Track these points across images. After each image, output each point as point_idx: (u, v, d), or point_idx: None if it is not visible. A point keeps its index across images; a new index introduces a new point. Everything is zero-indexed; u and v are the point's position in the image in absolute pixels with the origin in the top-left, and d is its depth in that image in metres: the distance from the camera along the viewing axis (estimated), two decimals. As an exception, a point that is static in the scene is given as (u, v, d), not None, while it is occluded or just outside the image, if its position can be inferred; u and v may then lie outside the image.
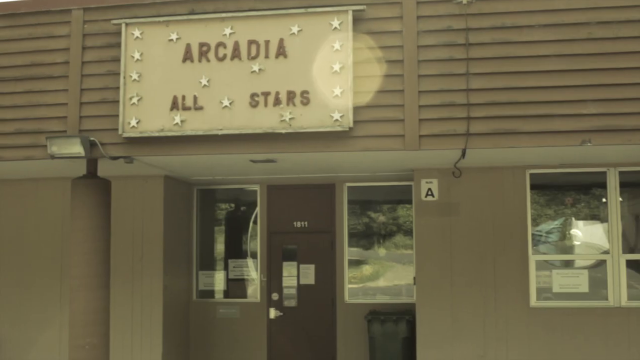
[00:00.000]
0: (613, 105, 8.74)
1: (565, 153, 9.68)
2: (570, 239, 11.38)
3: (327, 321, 12.09)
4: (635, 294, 10.74)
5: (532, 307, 10.73)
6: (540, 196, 11.49)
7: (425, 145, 9.02)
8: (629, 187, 11.18)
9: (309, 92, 9.01)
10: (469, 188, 10.85)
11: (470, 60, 9.00)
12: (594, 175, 10.92)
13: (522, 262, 10.77)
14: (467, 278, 10.82)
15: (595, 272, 10.87)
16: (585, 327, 10.62)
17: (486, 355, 10.73)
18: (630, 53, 8.79)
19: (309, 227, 12.31)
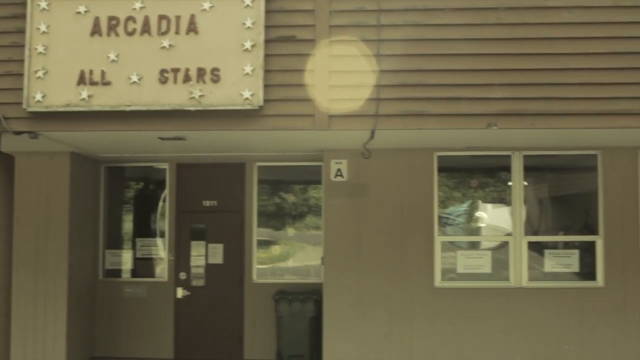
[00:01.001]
0: (519, 89, 8.96)
1: (472, 136, 9.84)
2: (477, 221, 11.61)
3: (234, 301, 12.05)
4: (536, 274, 11.04)
5: (437, 287, 10.91)
6: (449, 179, 11.68)
7: (335, 125, 9.08)
8: (535, 171, 11.46)
9: (219, 69, 8.93)
10: (378, 169, 10.93)
11: (381, 42, 9.06)
12: (500, 158, 11.14)
13: (428, 243, 10.93)
14: (374, 258, 10.92)
15: (498, 254, 11.13)
16: (487, 307, 10.87)
17: (391, 334, 10.87)
18: (537, 39, 9.01)
19: (218, 206, 12.22)
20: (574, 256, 11.06)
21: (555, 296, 10.86)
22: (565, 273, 11.07)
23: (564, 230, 11.61)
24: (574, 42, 9.02)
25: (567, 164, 11.50)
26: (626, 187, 10.91)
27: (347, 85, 9.04)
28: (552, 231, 11.71)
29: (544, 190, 11.94)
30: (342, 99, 9.04)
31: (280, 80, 9.05)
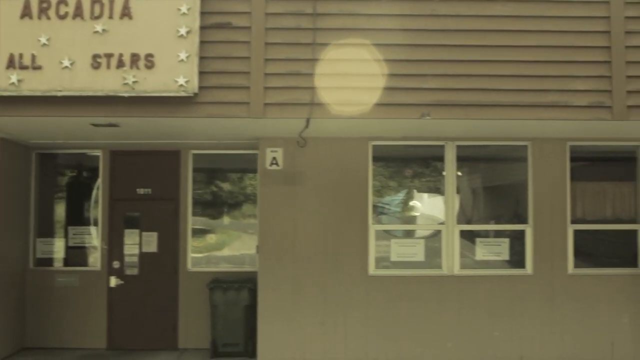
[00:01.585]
0: (452, 80, 9.11)
1: (407, 126, 9.94)
2: (412, 210, 11.73)
3: (169, 290, 11.98)
4: (468, 262, 11.22)
5: (371, 275, 11.01)
6: (385, 168, 11.77)
7: (270, 113, 9.10)
8: (468, 161, 11.64)
9: (153, 55, 8.85)
10: (313, 158, 10.97)
11: (317, 31, 9.09)
12: (434, 148, 11.27)
13: (362, 232, 11.01)
14: (309, 247, 10.96)
15: (431, 242, 11.28)
16: (420, 294, 11.01)
17: (326, 322, 10.94)
18: (470, 31, 9.16)
19: (153, 194, 12.11)
20: (505, 245, 11.28)
21: (486, 284, 11.06)
22: (496, 261, 11.27)
23: (495, 219, 11.82)
24: (505, 35, 9.20)
25: (499, 155, 11.70)
26: (555, 178, 11.16)
27: (282, 73, 9.07)
28: (484, 220, 11.90)
29: (477, 180, 12.13)
30: (277, 87, 9.06)
31: (215, 67, 9.03)
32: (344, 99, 9.05)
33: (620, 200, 11.50)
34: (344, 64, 9.07)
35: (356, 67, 9.07)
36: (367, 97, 9.04)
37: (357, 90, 9.07)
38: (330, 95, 9.05)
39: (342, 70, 9.07)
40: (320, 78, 9.04)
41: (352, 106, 9.07)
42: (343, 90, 9.07)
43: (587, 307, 11.10)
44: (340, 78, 9.06)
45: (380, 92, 9.06)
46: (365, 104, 9.06)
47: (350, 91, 9.07)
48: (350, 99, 9.05)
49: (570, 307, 11.09)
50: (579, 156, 11.36)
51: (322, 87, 9.04)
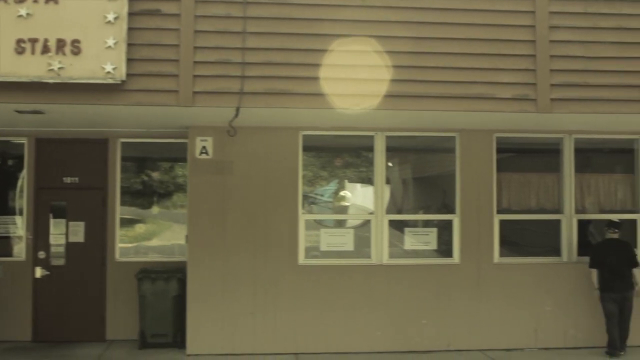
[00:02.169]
0: (384, 71, 9.13)
1: (336, 116, 9.97)
2: (342, 200, 11.79)
3: (96, 280, 11.81)
4: (397, 252, 11.34)
5: (301, 264, 11.04)
6: (316, 158, 11.82)
7: (199, 102, 9.04)
8: (397, 152, 11.76)
9: (80, 41, 8.71)
10: (243, 147, 10.93)
11: (247, 19, 9.07)
12: (364, 138, 11.33)
13: (292, 222, 11.03)
14: (239, 236, 10.93)
15: (361, 232, 11.36)
16: (350, 284, 11.08)
17: (256, 312, 10.93)
18: (398, 22, 9.25)
19: (80, 183, 11.90)
20: (433, 234, 11.43)
21: (414, 273, 11.20)
22: (425, 250, 11.42)
23: (424, 209, 11.98)
24: (434, 27, 9.30)
25: (428, 145, 11.85)
26: (481, 169, 11.35)
27: (212, 61, 9.02)
28: (413, 210, 12.06)
29: (407, 170, 12.26)
30: (207, 75, 9.01)
31: (144, 54, 8.92)
32: (273, 88, 9.04)
33: (545, 191, 11.77)
34: (274, 53, 9.07)
35: (286, 57, 9.08)
36: (297, 87, 9.05)
37: (287, 80, 9.08)
38: (260, 84, 9.04)
39: (271, 59, 9.06)
40: (250, 67, 9.02)
41: (281, 96, 9.07)
42: (273, 79, 9.06)
43: (512, 295, 11.34)
44: (270, 67, 9.05)
45: (310, 81, 9.07)
46: (295, 94, 9.07)
47: (280, 80, 9.07)
48: (279, 89, 9.04)
49: (496, 295, 11.31)
50: (505, 147, 11.59)
51: (252, 76, 9.02)
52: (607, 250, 11.05)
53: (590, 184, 11.88)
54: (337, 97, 9.15)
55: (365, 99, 9.17)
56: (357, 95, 9.15)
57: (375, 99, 9.19)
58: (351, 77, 9.11)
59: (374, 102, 9.19)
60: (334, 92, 9.12)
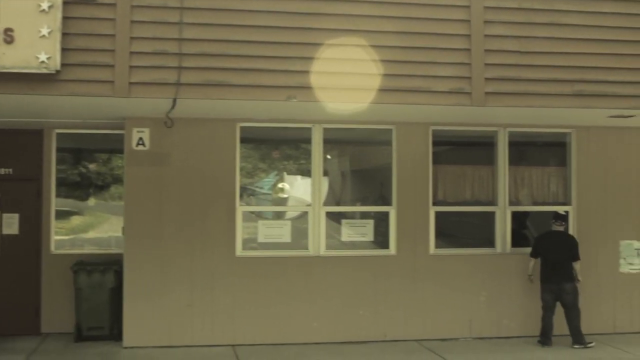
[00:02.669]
0: (317, 63, 9.17)
1: (274, 108, 9.98)
2: (281, 192, 11.82)
3: (31, 273, 11.64)
4: (334, 243, 11.43)
5: (238, 256, 11.05)
6: (255, 150, 11.83)
7: (136, 92, 8.98)
8: (335, 144, 11.85)
9: (13, 30, 8.57)
10: (181, 139, 10.88)
11: (184, 10, 9.03)
12: (302, 130, 11.37)
13: (230, 214, 11.02)
14: (176, 228, 10.89)
15: (298, 223, 11.41)
16: (288, 275, 11.13)
17: (193, 304, 10.91)
18: (334, 15, 9.30)
19: (14, 174, 11.70)
20: (369, 226, 11.54)
21: (351, 264, 11.30)
22: (361, 242, 11.53)
23: (361, 201, 12.09)
24: (371, 20, 9.37)
25: (365, 138, 11.95)
26: (418, 161, 11.50)
27: (148, 52, 8.96)
28: (351, 202, 12.16)
29: (344, 162, 12.36)
30: (143, 66, 8.94)
31: (79, 44, 8.81)
32: (210, 79, 9.02)
33: (480, 184, 11.96)
34: (210, 45, 9.04)
35: (223, 48, 9.06)
36: (234, 78, 9.05)
37: (224, 71, 9.06)
38: (197, 75, 9.00)
39: (208, 51, 9.04)
40: (187, 58, 8.98)
41: (218, 87, 9.06)
42: (210, 71, 9.04)
43: (448, 286, 11.51)
44: (207, 58, 9.03)
45: (247, 73, 9.08)
46: (232, 85, 9.06)
47: (217, 72, 9.05)
48: (216, 80, 9.03)
49: (432, 286, 11.47)
50: (442, 140, 11.75)
51: (189, 67, 8.98)
52: (550, 241, 11.27)
53: (524, 177, 12.12)
54: (274, 89, 9.18)
55: (301, 91, 9.20)
56: (292, 88, 9.18)
57: (311, 92, 9.23)
58: (287, 69, 9.14)
59: (310, 94, 9.23)
60: (271, 84, 9.15)
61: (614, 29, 10.00)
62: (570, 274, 11.11)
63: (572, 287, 11.07)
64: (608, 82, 9.98)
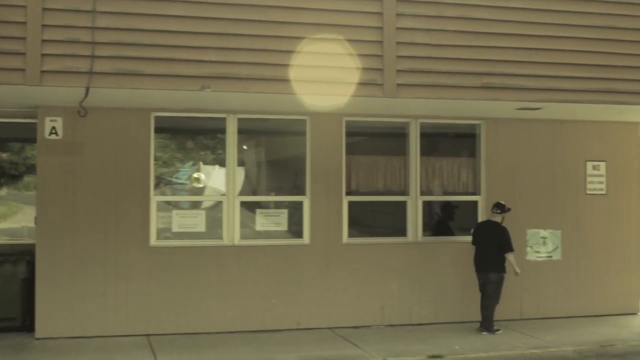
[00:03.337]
0: (232, 54, 9.24)
1: (189, 97, 9.99)
2: (196, 182, 11.82)
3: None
4: (249, 233, 11.52)
5: (152, 246, 11.03)
6: (171, 140, 11.82)
7: (47, 81, 8.89)
8: (250, 134, 11.93)
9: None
10: (94, 128, 10.78)
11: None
12: (217, 120, 11.40)
13: (144, 203, 10.99)
14: (90, 218, 10.80)
15: (213, 213, 11.46)
16: (202, 265, 11.18)
17: (107, 294, 10.85)
18: (248, 5, 9.37)
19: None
20: (284, 215, 11.67)
21: (265, 253, 11.41)
22: (276, 231, 11.66)
23: (276, 191, 12.20)
24: (284, 11, 9.47)
25: (280, 128, 12.04)
26: (331, 151, 11.67)
27: (60, 40, 8.86)
28: (266, 192, 12.26)
29: (259, 152, 12.45)
30: (55, 54, 8.85)
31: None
32: (124, 68, 8.99)
33: (392, 174, 12.20)
34: (124, 34, 9.01)
35: (137, 37, 9.03)
36: (148, 68, 9.03)
37: (137, 61, 9.03)
38: (110, 64, 8.95)
39: (122, 40, 9.00)
40: (100, 47, 8.92)
41: (132, 76, 9.02)
42: (123, 60, 8.99)
43: (360, 275, 11.74)
44: (120, 47, 8.98)
45: (161, 62, 9.08)
46: (146, 75, 9.05)
47: (130, 61, 9.01)
48: (130, 69, 9.00)
49: (345, 274, 11.68)
50: (355, 131, 11.95)
51: (102, 56, 8.92)
52: (481, 231, 11.61)
53: (435, 167, 12.41)
54: (188, 79, 9.20)
55: (215, 81, 9.24)
56: (206, 78, 9.22)
57: (226, 82, 9.29)
58: (201, 58, 9.17)
59: (224, 84, 9.29)
60: (185, 74, 9.17)
61: (522, 24, 10.32)
62: (498, 264, 11.31)
63: (497, 277, 11.33)
64: (516, 75, 10.31)
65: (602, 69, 10.51)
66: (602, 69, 10.51)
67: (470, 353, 10.03)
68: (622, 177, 13.15)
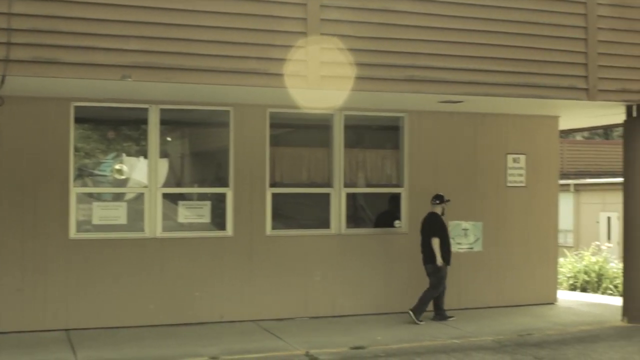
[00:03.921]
0: (154, 43, 9.07)
1: (109, 87, 9.80)
2: (118, 173, 11.61)
3: None
4: (172, 225, 11.37)
5: (72, 239, 10.79)
6: (94, 131, 11.59)
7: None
8: (173, 125, 11.79)
9: None
10: (11, 117, 10.43)
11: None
12: (139, 111, 11.20)
13: (63, 195, 10.74)
14: (6, 210, 10.49)
15: (135, 205, 11.28)
16: (124, 257, 10.99)
17: (25, 288, 10.57)
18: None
19: None
20: (207, 207, 11.55)
21: (188, 246, 11.30)
22: (199, 223, 11.54)
23: (199, 182, 12.09)
24: (207, 1, 9.33)
25: (203, 119, 11.92)
26: (255, 143, 11.62)
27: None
28: (189, 184, 12.12)
29: (183, 144, 12.31)
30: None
31: None
32: (41, 56, 8.72)
33: (316, 166, 12.22)
34: (41, 21, 8.72)
35: (55, 25, 8.76)
36: (66, 56, 8.78)
37: (55, 49, 8.76)
38: (27, 52, 8.67)
39: (39, 27, 8.71)
40: (16, 34, 8.63)
41: (49, 65, 8.76)
42: (40, 47, 8.71)
43: (284, 267, 11.73)
44: (37, 35, 8.70)
45: (80, 51, 8.84)
46: (64, 63, 8.80)
47: (48, 49, 8.74)
48: (47, 57, 8.74)
49: (268, 267, 11.65)
50: (279, 123, 11.92)
51: (18, 43, 8.64)
52: (422, 223, 11.80)
53: (359, 159, 12.47)
54: (108, 68, 8.96)
55: (136, 70, 9.05)
56: (127, 67, 9.01)
57: (146, 71, 9.10)
58: (122, 47, 8.96)
59: (145, 74, 9.11)
60: (105, 63, 8.94)
61: (445, 17, 10.37)
62: (432, 254, 11.52)
63: (431, 267, 11.55)
64: (438, 69, 10.37)
65: (522, 63, 10.66)
66: (523, 63, 10.66)
67: (392, 344, 10.09)
68: (542, 170, 13.44)
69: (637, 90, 11.16)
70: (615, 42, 11.07)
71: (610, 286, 16.52)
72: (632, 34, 11.16)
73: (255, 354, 9.49)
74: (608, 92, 11.07)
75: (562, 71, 10.85)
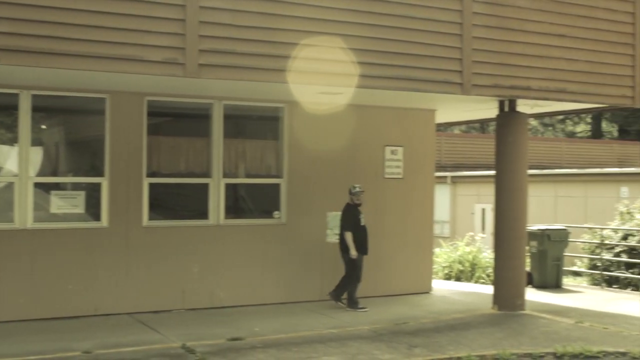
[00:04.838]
0: (22, 25, 8.66)
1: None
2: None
3: None
4: (43, 216, 10.98)
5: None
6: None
7: None
8: (46, 112, 11.40)
9: None
10: None
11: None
12: (10, 97, 10.74)
13: None
14: None
15: (4, 195, 10.83)
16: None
17: None
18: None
19: None
20: (81, 197, 11.23)
21: (61, 237, 10.96)
22: (73, 214, 11.19)
23: (73, 172, 11.71)
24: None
25: (79, 107, 11.57)
26: (132, 132, 11.37)
27: None
28: (63, 173, 11.72)
29: (57, 131, 11.89)
30: None
31: None
32: None
33: (195, 156, 12.08)
34: None
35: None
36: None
37: None
38: None
39: None
40: None
41: None
42: None
43: (161, 258, 11.55)
44: None
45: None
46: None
47: None
48: None
49: (145, 258, 11.45)
50: (158, 111, 11.69)
51: None
52: None
53: (239, 150, 12.38)
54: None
55: (4, 54, 8.57)
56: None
57: (15, 55, 8.66)
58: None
59: (14, 57, 8.70)
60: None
61: (322, 8, 10.19)
62: (344, 245, 11.86)
63: (346, 258, 11.89)
64: (318, 60, 10.30)
65: (399, 56, 10.74)
66: (400, 56, 10.74)
67: (270, 335, 10.07)
68: (419, 162, 13.70)
69: (509, 85, 11.47)
70: (489, 39, 11.34)
71: (482, 275, 17.05)
72: (504, 31, 11.44)
73: (130, 347, 9.29)
74: (481, 87, 11.34)
75: (438, 65, 11.01)
